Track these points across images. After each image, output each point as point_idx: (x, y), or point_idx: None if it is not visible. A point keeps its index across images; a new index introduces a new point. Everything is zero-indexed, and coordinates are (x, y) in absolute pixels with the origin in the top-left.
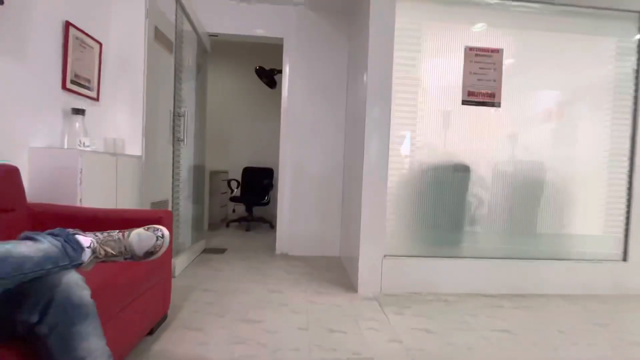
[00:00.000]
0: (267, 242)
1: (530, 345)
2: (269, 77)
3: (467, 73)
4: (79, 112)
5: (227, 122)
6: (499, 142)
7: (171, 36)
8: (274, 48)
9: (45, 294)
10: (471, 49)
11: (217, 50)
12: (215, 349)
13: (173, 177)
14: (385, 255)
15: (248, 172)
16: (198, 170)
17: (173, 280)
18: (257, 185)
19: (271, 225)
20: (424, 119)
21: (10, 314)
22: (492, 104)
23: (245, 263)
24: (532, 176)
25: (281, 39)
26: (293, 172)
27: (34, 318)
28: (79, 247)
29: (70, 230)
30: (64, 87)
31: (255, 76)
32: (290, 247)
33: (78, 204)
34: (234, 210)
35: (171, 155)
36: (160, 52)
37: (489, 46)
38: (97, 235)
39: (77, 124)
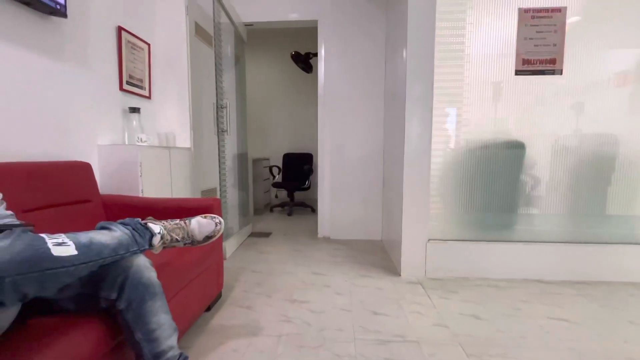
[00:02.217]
0: (309, 226)
1: (594, 336)
2: (305, 61)
3: (522, 39)
4: (135, 110)
5: (266, 110)
6: (560, 114)
7: (210, 30)
8: (309, 31)
9: (121, 275)
10: (526, 10)
11: (253, 39)
12: (266, 325)
13: (219, 166)
14: (429, 239)
15: (288, 158)
16: (241, 158)
17: (224, 262)
18: (298, 171)
19: (312, 209)
20: (470, 93)
21: (95, 291)
22: (552, 72)
23: (289, 246)
24: (600, 151)
25: (315, 21)
26: (332, 156)
27: (114, 295)
28: (146, 234)
29: (140, 219)
30: (121, 88)
31: (292, 62)
32: (332, 230)
33: (140, 194)
34: (276, 196)
35: (217, 146)
36: (201, 46)
37: (549, 5)
38: (164, 223)
39: (134, 122)
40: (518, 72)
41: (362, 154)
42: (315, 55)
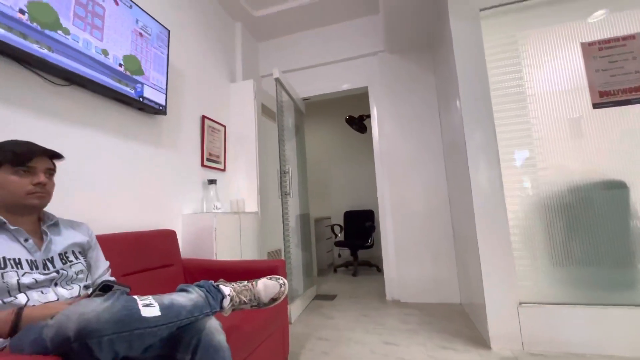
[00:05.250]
0: (375, 287)
1: None
2: (359, 123)
3: (592, 71)
4: (212, 182)
5: (326, 171)
6: None
7: (273, 108)
8: (360, 96)
9: (195, 337)
10: (590, 44)
11: (311, 109)
12: None
13: (284, 228)
14: (521, 303)
15: (349, 215)
16: (304, 218)
17: (290, 327)
18: (360, 228)
19: (378, 268)
20: (541, 133)
21: (173, 353)
22: None
23: (356, 311)
24: None
25: (366, 87)
26: (394, 211)
27: (188, 357)
28: (218, 296)
29: (213, 282)
30: (202, 164)
31: (346, 125)
32: (402, 292)
33: (214, 258)
34: (339, 255)
35: (281, 208)
36: (266, 122)
37: (617, 35)
38: (234, 285)
39: (211, 192)
40: (597, 105)
41: (426, 207)
42: (368, 116)
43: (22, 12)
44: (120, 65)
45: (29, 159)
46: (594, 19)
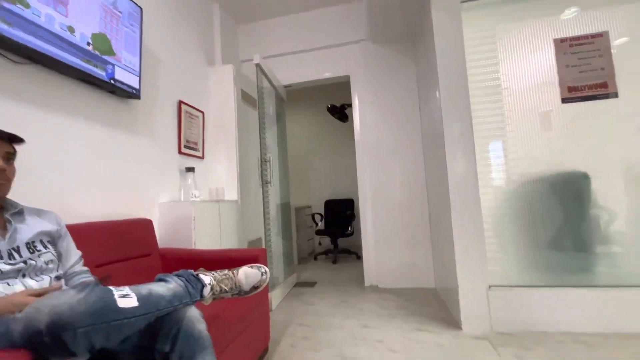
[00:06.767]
0: (355, 274)
1: None
2: (341, 112)
3: (563, 67)
4: (190, 170)
5: (307, 160)
6: (626, 140)
7: (254, 94)
8: (342, 85)
9: (174, 327)
10: (562, 40)
11: (292, 97)
12: None
13: (264, 217)
14: (490, 286)
15: (330, 204)
16: (284, 207)
17: (271, 313)
18: (340, 217)
19: (357, 256)
20: (515, 126)
21: (152, 343)
22: (606, 96)
23: (335, 297)
24: None
25: (348, 76)
26: (374, 200)
27: (167, 347)
28: (197, 285)
29: (193, 271)
30: (179, 151)
31: (328, 114)
32: (380, 278)
33: (193, 247)
34: (320, 243)
35: (261, 197)
36: (247, 109)
37: (587, 32)
38: (214, 274)
39: (189, 180)
40: (565, 100)
41: (405, 196)
42: (350, 105)
43: None
44: (88, 44)
45: None
46: (566, 16)
